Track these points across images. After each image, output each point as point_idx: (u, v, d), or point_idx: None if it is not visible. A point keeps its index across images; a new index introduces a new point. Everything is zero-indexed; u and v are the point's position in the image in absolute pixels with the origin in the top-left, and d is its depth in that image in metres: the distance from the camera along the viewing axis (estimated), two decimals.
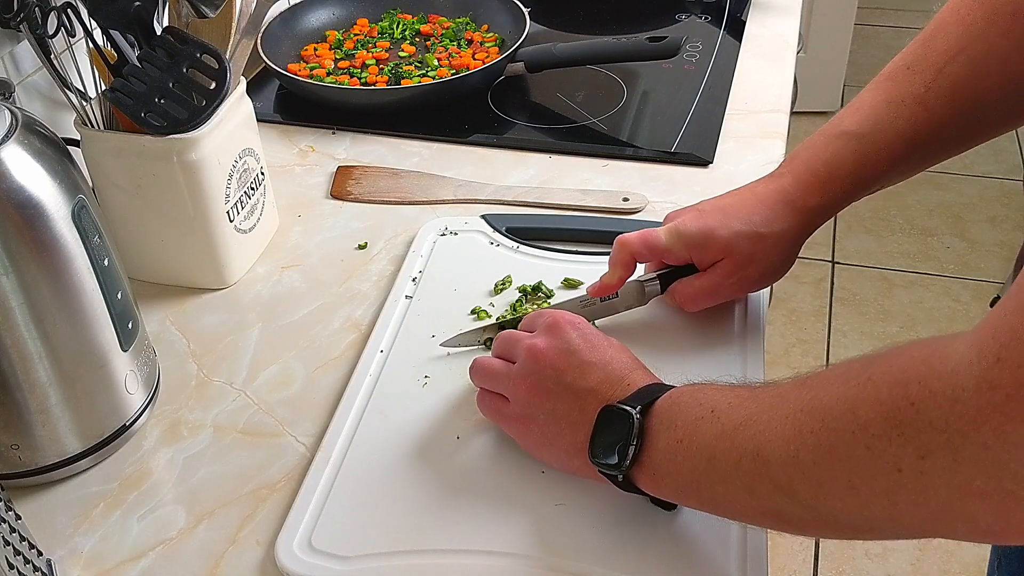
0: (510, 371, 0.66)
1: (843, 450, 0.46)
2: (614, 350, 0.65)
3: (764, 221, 0.72)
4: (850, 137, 0.72)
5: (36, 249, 0.62)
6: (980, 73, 0.68)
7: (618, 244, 0.75)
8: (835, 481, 0.47)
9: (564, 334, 0.65)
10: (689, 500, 0.59)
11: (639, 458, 0.58)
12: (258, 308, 0.84)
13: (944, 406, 0.41)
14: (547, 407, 0.63)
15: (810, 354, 2.19)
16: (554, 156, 1.02)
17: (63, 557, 0.64)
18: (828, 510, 0.48)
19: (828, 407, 0.47)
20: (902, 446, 0.43)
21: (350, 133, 1.07)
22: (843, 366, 0.49)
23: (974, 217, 2.56)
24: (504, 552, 0.62)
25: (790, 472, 0.49)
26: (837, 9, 2.77)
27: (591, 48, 1.13)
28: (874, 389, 0.45)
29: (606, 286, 0.75)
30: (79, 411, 0.68)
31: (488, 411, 0.68)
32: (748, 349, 0.75)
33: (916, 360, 0.44)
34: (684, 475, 0.56)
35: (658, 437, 0.57)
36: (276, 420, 0.73)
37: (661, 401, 0.59)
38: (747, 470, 0.51)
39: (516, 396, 0.65)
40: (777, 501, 0.51)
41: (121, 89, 0.77)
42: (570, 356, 0.64)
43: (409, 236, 0.90)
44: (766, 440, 0.50)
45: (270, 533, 0.65)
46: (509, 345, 0.68)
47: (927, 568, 1.74)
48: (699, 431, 0.55)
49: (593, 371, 0.63)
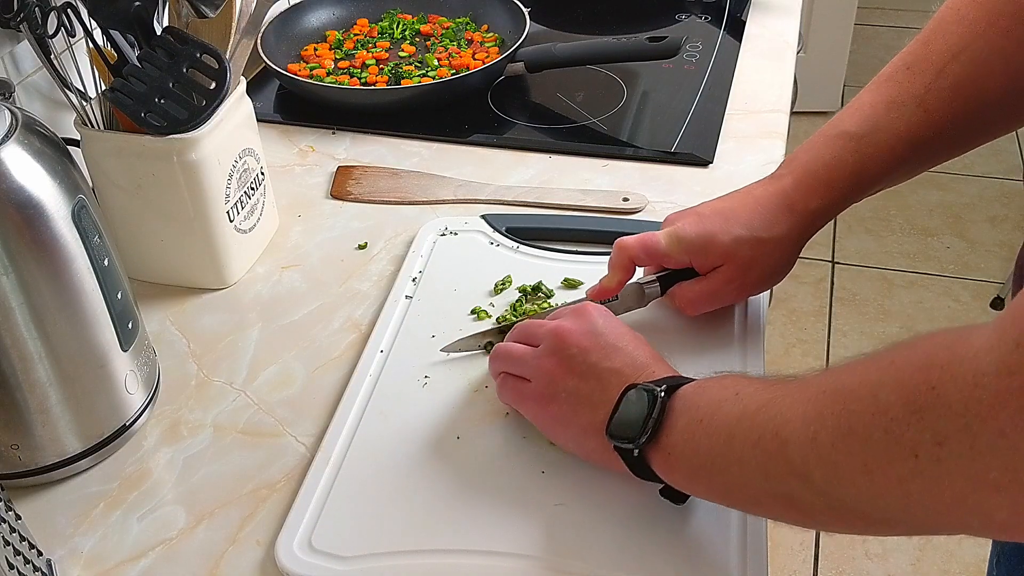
0: (534, 351, 0.66)
1: (861, 432, 0.46)
2: (639, 342, 0.66)
3: (764, 225, 0.72)
4: (850, 138, 0.71)
5: (36, 249, 0.62)
6: (981, 73, 0.68)
7: (617, 248, 0.75)
8: (851, 464, 0.46)
9: (590, 317, 0.66)
10: (700, 484, 0.58)
11: (657, 437, 0.58)
12: (258, 308, 0.84)
13: (964, 390, 0.41)
14: (570, 385, 0.64)
15: (810, 354, 2.19)
16: (554, 156, 1.02)
17: (63, 557, 0.64)
18: (841, 496, 0.48)
19: (851, 389, 0.47)
20: (920, 431, 0.42)
21: (350, 133, 1.07)
22: (871, 353, 0.49)
23: (974, 217, 2.56)
24: (504, 552, 0.62)
25: (807, 453, 0.49)
26: (837, 9, 2.77)
27: (591, 48, 1.13)
28: (896, 372, 0.45)
29: (605, 289, 0.75)
30: (79, 411, 0.68)
31: (508, 392, 0.69)
32: (748, 351, 0.75)
33: (939, 346, 0.44)
34: (700, 456, 0.56)
35: (679, 418, 0.57)
36: (276, 420, 0.73)
37: (687, 387, 0.59)
38: (764, 450, 0.51)
39: (538, 373, 0.65)
40: (791, 484, 0.50)
41: (121, 89, 0.77)
42: (596, 337, 0.64)
43: (409, 236, 0.90)
44: (785, 420, 0.50)
45: (270, 533, 0.65)
46: (531, 330, 0.68)
47: (927, 568, 1.74)
48: (721, 411, 0.55)
49: (619, 354, 0.64)
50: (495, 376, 0.71)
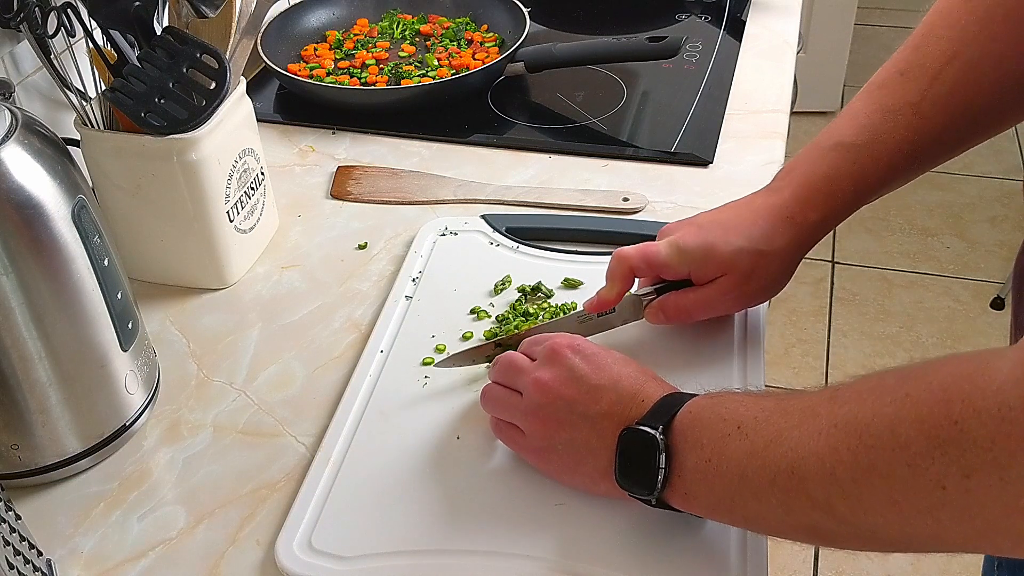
0: (519, 403, 0.64)
1: (883, 468, 0.45)
2: (620, 365, 0.63)
3: (764, 237, 0.71)
4: (847, 148, 0.70)
5: (36, 249, 0.62)
6: (975, 77, 0.68)
7: (616, 258, 0.73)
8: (875, 498, 0.46)
9: (566, 360, 0.63)
10: (721, 517, 0.58)
11: (670, 481, 0.57)
12: (258, 308, 0.84)
13: (990, 425, 0.40)
14: (564, 437, 0.62)
15: (810, 354, 2.19)
16: (554, 156, 1.02)
17: (63, 557, 0.64)
18: (868, 526, 0.47)
19: (864, 423, 0.46)
20: (946, 465, 0.42)
21: (350, 133, 1.07)
22: (874, 379, 0.48)
23: (974, 217, 2.56)
24: (504, 552, 0.62)
25: (828, 489, 0.48)
26: (837, 9, 2.77)
27: (591, 48, 1.13)
28: (913, 406, 0.44)
29: (604, 301, 0.74)
30: (79, 411, 0.68)
31: (506, 440, 0.67)
32: (748, 353, 0.75)
33: (958, 377, 0.43)
34: (716, 493, 0.55)
35: (686, 456, 0.56)
36: (276, 420, 0.73)
37: (681, 416, 0.57)
38: (782, 487, 0.50)
39: (530, 430, 0.64)
40: (814, 517, 0.50)
41: (121, 89, 0.77)
42: (577, 383, 0.62)
43: (409, 236, 0.90)
44: (799, 457, 0.49)
45: (270, 533, 0.65)
46: (512, 374, 0.66)
47: (927, 568, 1.74)
48: (727, 448, 0.54)
49: (604, 394, 0.61)
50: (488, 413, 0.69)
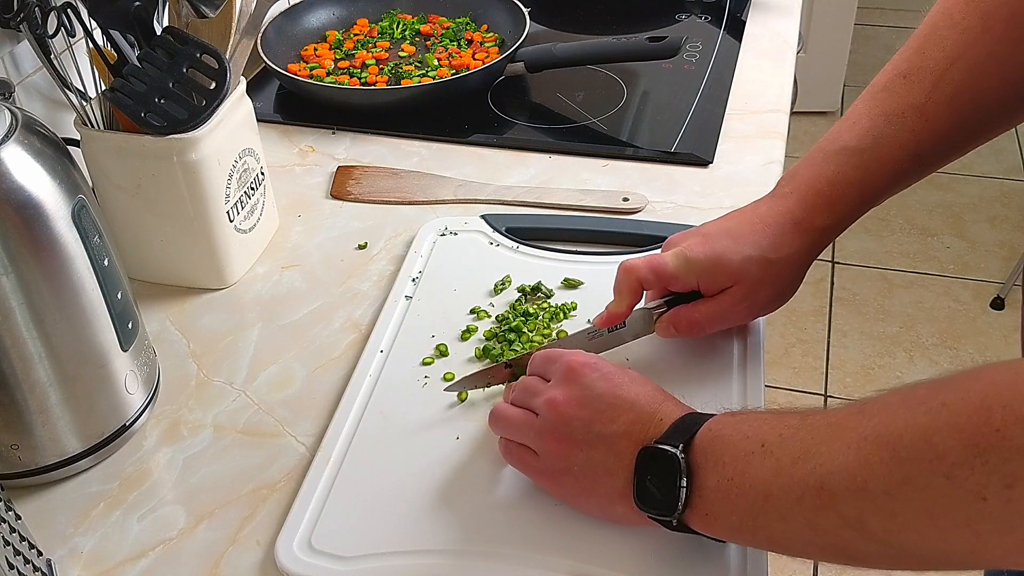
0: (533, 423, 0.63)
1: (919, 480, 0.44)
2: (638, 385, 0.61)
3: (772, 245, 0.70)
4: (852, 153, 0.70)
5: (36, 249, 0.62)
6: (979, 78, 0.67)
7: (623, 271, 0.72)
8: (911, 512, 0.45)
9: (582, 379, 0.62)
10: (744, 539, 0.56)
11: (690, 502, 0.55)
12: (258, 308, 0.84)
13: None
14: (580, 458, 0.60)
15: (810, 354, 2.19)
16: (554, 156, 1.02)
17: (63, 557, 0.64)
18: (902, 543, 0.46)
19: (897, 435, 0.45)
20: (987, 474, 0.41)
21: (350, 133, 1.07)
22: (903, 391, 0.47)
23: (974, 217, 2.56)
24: (504, 552, 0.62)
25: (860, 505, 0.46)
26: (837, 9, 2.77)
27: (591, 48, 1.13)
28: (950, 415, 0.43)
29: (614, 315, 0.72)
30: (79, 411, 0.68)
31: (515, 463, 0.65)
32: (748, 356, 0.75)
33: (998, 385, 0.42)
34: (739, 514, 0.53)
35: (706, 476, 0.54)
36: (276, 420, 0.73)
37: (701, 435, 0.56)
38: (810, 506, 0.49)
39: (545, 451, 0.62)
40: (844, 536, 0.48)
41: (121, 89, 0.77)
42: (594, 402, 0.60)
43: (409, 236, 0.90)
44: (827, 473, 0.48)
45: (270, 533, 0.65)
46: (528, 395, 0.65)
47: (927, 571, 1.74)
48: (751, 467, 0.52)
49: (621, 413, 0.60)
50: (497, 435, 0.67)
